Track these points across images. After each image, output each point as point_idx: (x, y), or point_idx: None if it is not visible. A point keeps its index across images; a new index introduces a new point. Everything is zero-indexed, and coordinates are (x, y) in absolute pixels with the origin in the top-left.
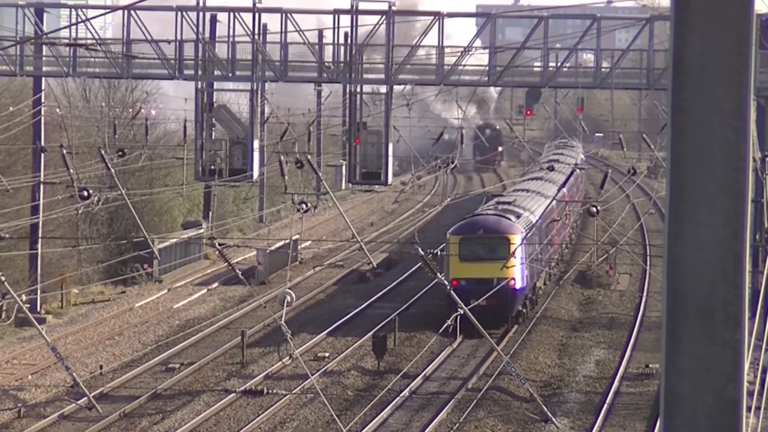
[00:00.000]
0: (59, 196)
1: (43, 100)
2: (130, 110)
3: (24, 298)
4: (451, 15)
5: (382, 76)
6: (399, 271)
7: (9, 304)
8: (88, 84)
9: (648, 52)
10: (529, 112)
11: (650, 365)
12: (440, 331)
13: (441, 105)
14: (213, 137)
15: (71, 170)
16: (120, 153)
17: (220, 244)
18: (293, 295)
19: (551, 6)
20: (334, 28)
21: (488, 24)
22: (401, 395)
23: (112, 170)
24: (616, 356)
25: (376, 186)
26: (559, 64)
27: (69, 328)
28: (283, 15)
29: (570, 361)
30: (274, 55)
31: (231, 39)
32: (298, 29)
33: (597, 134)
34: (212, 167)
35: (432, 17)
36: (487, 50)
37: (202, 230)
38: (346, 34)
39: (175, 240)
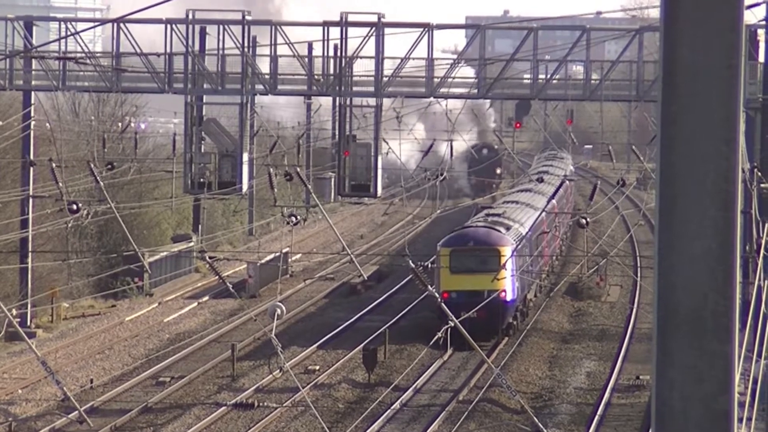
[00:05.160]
0: (48, 209)
1: (32, 114)
2: (119, 124)
3: (14, 312)
4: (440, 27)
5: (372, 88)
6: (389, 284)
7: None
8: (78, 98)
9: (638, 63)
10: (518, 125)
11: (641, 377)
12: (431, 343)
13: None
14: (202, 150)
15: (60, 184)
16: (109, 166)
17: (210, 258)
18: (284, 308)
19: (540, 17)
20: (323, 41)
21: (477, 35)
22: (392, 408)
23: (101, 183)
24: (606, 368)
25: (366, 198)
26: (548, 75)
27: (59, 342)
28: (273, 28)
29: (561, 373)
30: (263, 68)
31: (220, 52)
32: (287, 42)
33: (586, 146)
34: (201, 180)
35: (421, 29)
36: (476, 62)
37: (192, 243)
38: (335, 47)
39: (165, 253)
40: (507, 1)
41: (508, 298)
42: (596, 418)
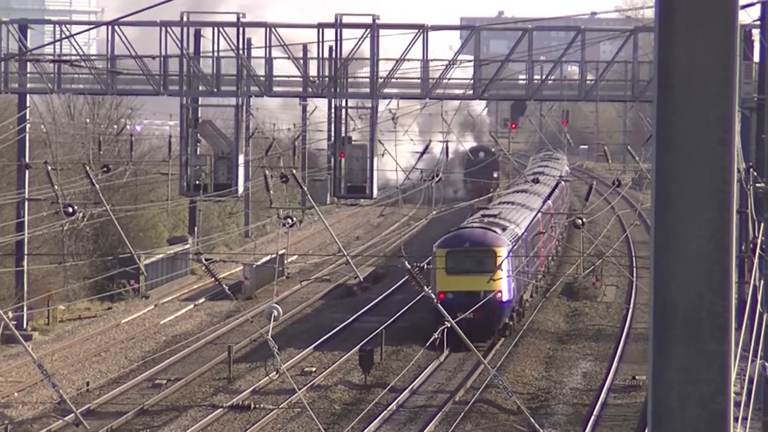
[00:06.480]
0: (44, 212)
1: (27, 117)
2: (115, 126)
3: (10, 315)
4: (435, 28)
5: (367, 90)
6: (386, 285)
7: None
8: (73, 100)
9: (632, 63)
10: (514, 125)
11: (637, 377)
12: (427, 344)
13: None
14: (198, 152)
15: (56, 187)
16: (105, 169)
17: (206, 260)
18: (280, 309)
19: (535, 18)
20: (318, 43)
21: (472, 37)
22: (388, 409)
23: (97, 186)
24: (603, 368)
25: (362, 200)
26: (543, 76)
27: (55, 345)
28: (268, 29)
29: (557, 374)
30: (258, 70)
31: (215, 54)
32: (282, 44)
33: (582, 146)
34: (197, 182)
35: (416, 30)
36: (471, 63)
37: (188, 245)
38: (330, 49)
39: (161, 255)
40: (501, 2)
41: (504, 298)
42: (592, 418)
